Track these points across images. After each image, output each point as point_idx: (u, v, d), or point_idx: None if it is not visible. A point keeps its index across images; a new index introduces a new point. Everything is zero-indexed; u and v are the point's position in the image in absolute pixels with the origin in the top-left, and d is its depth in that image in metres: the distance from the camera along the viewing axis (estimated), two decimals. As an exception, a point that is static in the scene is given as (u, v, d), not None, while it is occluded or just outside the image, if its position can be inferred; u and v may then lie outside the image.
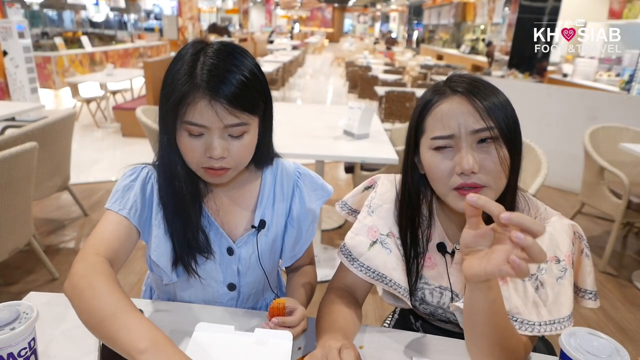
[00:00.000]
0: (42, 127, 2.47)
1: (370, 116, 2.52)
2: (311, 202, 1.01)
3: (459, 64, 11.26)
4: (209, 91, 0.75)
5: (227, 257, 0.95)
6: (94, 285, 0.71)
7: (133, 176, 0.90)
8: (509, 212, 0.57)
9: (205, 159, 0.81)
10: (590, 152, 2.79)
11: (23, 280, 2.40)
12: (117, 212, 0.84)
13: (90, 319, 0.68)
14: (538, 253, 0.55)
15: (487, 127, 0.75)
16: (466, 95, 0.77)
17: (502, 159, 0.76)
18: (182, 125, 0.79)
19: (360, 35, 30.17)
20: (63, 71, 8.30)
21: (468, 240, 0.65)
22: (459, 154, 0.77)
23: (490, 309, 0.69)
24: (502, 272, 0.58)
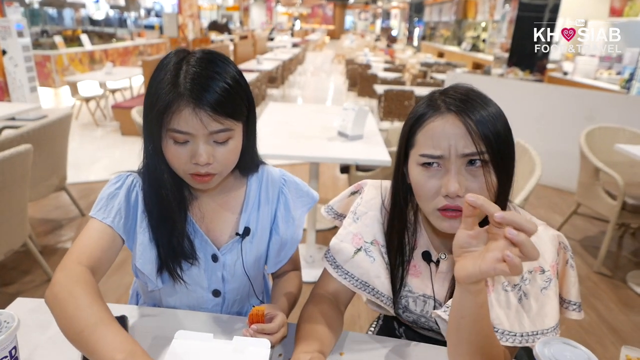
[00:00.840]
0: (38, 129, 2.48)
1: (364, 117, 2.53)
2: (296, 208, 1.01)
3: (460, 61, 11.23)
4: (192, 99, 0.77)
5: (211, 264, 0.96)
6: (75, 295, 0.73)
7: (118, 184, 0.91)
8: (502, 211, 0.59)
9: (191, 166, 0.82)
10: (586, 153, 2.79)
11: (19, 280, 2.42)
12: (100, 221, 0.86)
13: (70, 328, 0.70)
14: (531, 250, 0.57)
15: (478, 152, 0.74)
16: (460, 115, 0.75)
17: (489, 184, 0.75)
18: (167, 133, 0.80)
19: (361, 32, 30.09)
20: (63, 70, 8.31)
21: (462, 240, 0.66)
22: (447, 176, 0.75)
23: (477, 313, 0.70)
24: (496, 270, 0.60)
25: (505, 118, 0.79)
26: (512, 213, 0.59)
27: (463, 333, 0.73)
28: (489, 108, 0.76)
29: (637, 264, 2.92)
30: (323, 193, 3.69)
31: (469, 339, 0.73)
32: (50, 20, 11.07)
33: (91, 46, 9.50)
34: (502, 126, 0.76)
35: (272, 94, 8.73)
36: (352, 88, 8.24)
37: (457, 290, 0.71)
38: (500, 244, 0.60)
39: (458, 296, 0.71)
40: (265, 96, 7.04)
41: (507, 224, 0.59)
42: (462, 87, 0.80)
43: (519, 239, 0.57)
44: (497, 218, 0.59)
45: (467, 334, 0.72)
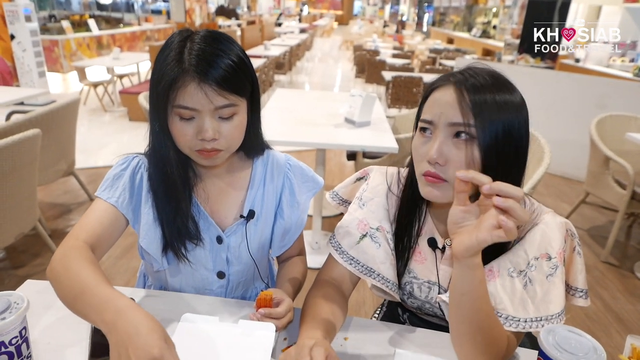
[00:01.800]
0: (46, 113, 2.49)
1: (371, 104, 2.51)
2: (301, 193, 1.02)
3: (470, 47, 11.07)
4: (197, 74, 0.78)
5: (216, 246, 0.97)
6: (68, 266, 0.74)
7: (124, 165, 0.93)
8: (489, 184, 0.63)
9: (197, 142, 0.83)
10: (596, 141, 2.76)
11: (30, 263, 2.46)
12: (104, 200, 0.88)
13: (65, 298, 0.72)
14: (521, 213, 0.61)
15: (464, 123, 0.74)
16: (457, 86, 0.76)
17: (469, 159, 0.75)
18: (173, 109, 0.81)
19: (369, 18, 29.71)
20: (70, 55, 8.31)
21: (456, 216, 0.69)
22: (432, 141, 0.78)
23: (477, 289, 0.72)
24: (493, 237, 0.63)
25: (522, 112, 0.77)
26: (498, 183, 0.62)
27: (463, 311, 0.74)
28: (501, 95, 0.75)
29: (645, 254, 2.90)
30: (329, 180, 3.69)
31: (470, 317, 0.74)
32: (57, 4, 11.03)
33: (99, 31, 9.48)
34: (509, 118, 0.75)
35: (279, 80, 8.68)
36: (360, 74, 8.18)
37: (456, 268, 0.72)
38: (492, 213, 0.64)
39: (457, 273, 0.72)
40: (272, 82, 7.00)
41: (494, 193, 0.63)
42: (483, 68, 0.80)
43: (507, 205, 0.61)
44: (485, 190, 0.63)
45: (468, 312, 0.73)
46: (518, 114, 0.76)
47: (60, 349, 0.80)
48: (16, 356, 0.70)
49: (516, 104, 0.77)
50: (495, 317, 0.76)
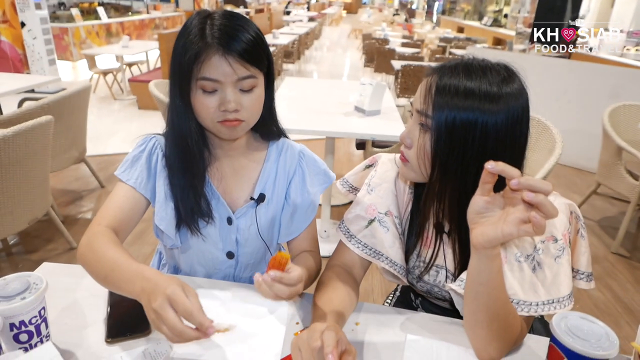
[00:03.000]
0: (58, 100, 2.51)
1: (381, 92, 2.49)
2: (312, 185, 1.02)
3: (480, 36, 10.92)
4: (221, 47, 0.81)
5: (226, 226, 0.99)
6: (95, 250, 0.80)
7: (142, 147, 0.96)
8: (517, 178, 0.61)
9: (220, 113, 0.86)
10: (609, 131, 2.72)
11: (43, 248, 2.50)
12: (124, 182, 0.92)
13: (98, 277, 0.79)
14: (550, 209, 0.60)
15: (422, 112, 0.79)
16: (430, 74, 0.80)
17: (421, 145, 0.81)
18: (197, 83, 0.84)
19: (379, 6, 29.39)
20: (80, 42, 8.32)
21: (479, 206, 0.68)
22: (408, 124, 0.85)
23: (495, 279, 0.72)
24: (520, 232, 0.63)
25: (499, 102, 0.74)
26: (526, 178, 0.61)
27: (480, 300, 0.74)
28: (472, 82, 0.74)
29: (656, 246, 2.87)
30: (338, 169, 3.68)
31: (487, 305, 0.74)
32: (67, -8, 11.04)
33: (108, 19, 9.48)
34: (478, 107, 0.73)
35: (287, 69, 8.65)
36: (369, 64, 8.11)
37: (474, 258, 0.72)
38: (520, 207, 0.63)
39: (475, 264, 0.72)
40: (281, 71, 6.98)
41: (523, 188, 0.61)
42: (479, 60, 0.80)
43: (537, 200, 0.60)
44: (513, 185, 0.61)
45: (485, 301, 0.74)
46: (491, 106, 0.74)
47: (78, 330, 0.81)
48: (35, 335, 0.72)
49: (491, 95, 0.74)
50: (510, 304, 0.77)
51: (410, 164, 0.84)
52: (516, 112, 0.75)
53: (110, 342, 0.79)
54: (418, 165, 0.82)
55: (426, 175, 0.83)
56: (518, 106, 0.75)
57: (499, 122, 0.74)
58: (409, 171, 0.85)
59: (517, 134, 0.76)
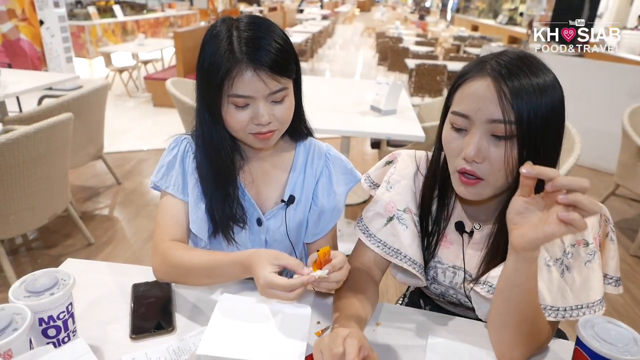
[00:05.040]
0: (77, 98, 2.55)
1: (398, 92, 2.48)
2: (339, 184, 1.03)
3: (495, 35, 10.80)
4: (251, 62, 0.81)
5: (256, 228, 1.00)
6: (179, 263, 0.87)
7: (175, 150, 0.97)
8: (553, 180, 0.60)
9: (253, 126, 0.87)
10: (629, 132, 2.68)
11: (61, 244, 2.54)
12: (166, 192, 0.95)
13: (199, 281, 0.90)
14: (590, 205, 0.58)
15: (505, 120, 0.71)
16: (496, 80, 0.72)
17: (507, 158, 0.73)
18: (229, 99, 0.84)
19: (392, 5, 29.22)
20: (96, 40, 8.43)
21: (519, 206, 0.67)
22: (469, 138, 0.75)
23: (529, 283, 0.71)
24: (561, 231, 0.61)
25: (558, 94, 0.75)
26: (561, 178, 0.59)
27: (512, 302, 0.73)
28: (537, 79, 0.73)
29: (676, 249, 2.82)
30: (352, 168, 3.67)
31: (518, 308, 0.73)
32: (83, -10, 11.18)
33: (123, 17, 9.58)
34: (548, 101, 0.72)
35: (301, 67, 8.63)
36: (382, 62, 8.07)
37: (511, 260, 0.71)
38: (559, 207, 0.61)
39: (512, 265, 0.71)
40: (294, 69, 6.97)
41: (559, 188, 0.60)
42: (515, 52, 0.77)
43: (573, 200, 0.58)
44: (549, 188, 0.60)
45: (517, 304, 0.73)
46: (555, 94, 0.74)
47: (103, 325, 0.83)
48: (63, 330, 0.73)
49: (552, 85, 0.74)
50: (540, 309, 0.76)
51: (487, 180, 0.76)
52: (562, 92, 0.76)
53: (135, 338, 0.80)
54: (502, 177, 0.76)
55: (502, 184, 0.77)
56: (561, 87, 0.77)
57: (560, 105, 0.75)
58: (485, 188, 0.77)
59: (564, 114, 0.77)
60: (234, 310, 0.80)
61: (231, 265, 0.82)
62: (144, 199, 3.17)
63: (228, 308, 0.80)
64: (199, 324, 0.84)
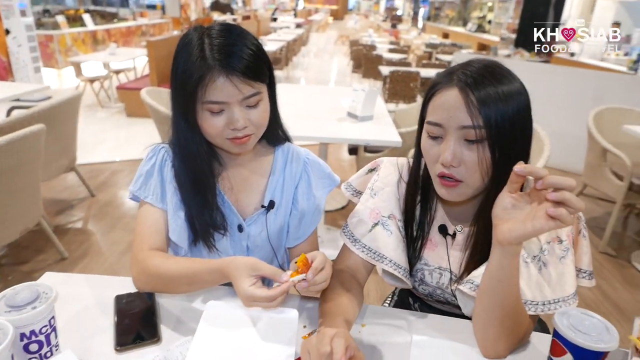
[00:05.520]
0: (48, 109, 2.49)
1: (374, 98, 2.53)
2: (318, 188, 1.04)
3: (465, 42, 11.09)
4: (223, 68, 0.82)
5: (237, 234, 1.00)
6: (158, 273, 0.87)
7: (153, 159, 0.97)
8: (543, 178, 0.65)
9: (229, 132, 0.87)
10: (594, 134, 2.79)
11: (34, 259, 2.46)
12: (145, 201, 0.94)
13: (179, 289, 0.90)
14: (576, 202, 0.63)
15: (474, 125, 0.76)
16: (464, 90, 0.77)
17: (481, 160, 0.77)
18: (203, 106, 0.85)
19: (365, 13, 29.64)
20: (66, 50, 8.23)
21: (506, 203, 0.71)
22: (444, 144, 0.80)
23: (513, 276, 0.75)
24: (549, 225, 0.66)
25: (524, 99, 0.79)
26: (550, 176, 0.64)
27: (497, 297, 0.77)
28: (502, 86, 0.77)
29: (641, 245, 2.95)
30: (329, 174, 3.70)
31: (502, 302, 0.77)
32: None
33: (94, 26, 9.40)
34: (514, 106, 0.77)
35: (276, 76, 8.60)
36: (357, 69, 8.17)
37: (496, 255, 0.74)
38: (547, 204, 0.66)
39: (497, 260, 0.75)
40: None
41: (548, 186, 0.65)
42: (482, 61, 0.81)
43: (562, 197, 0.63)
44: (538, 186, 0.66)
45: (501, 298, 0.76)
46: (520, 101, 0.78)
47: (86, 339, 0.81)
48: (45, 345, 0.72)
49: (517, 91, 0.79)
50: (521, 302, 0.80)
51: (466, 182, 0.80)
52: (528, 97, 0.81)
53: (120, 350, 0.79)
54: (479, 179, 0.80)
55: (485, 185, 0.82)
56: (527, 93, 0.81)
57: (526, 110, 0.80)
58: (465, 189, 0.81)
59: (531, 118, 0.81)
60: (220, 317, 0.80)
61: (210, 273, 0.82)
62: (120, 210, 3.10)
63: (214, 316, 0.80)
64: (184, 333, 0.83)
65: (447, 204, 0.94)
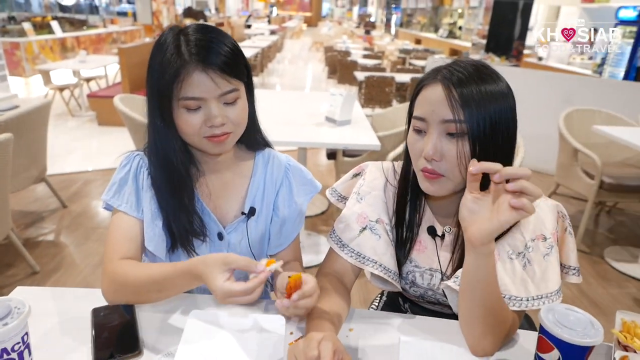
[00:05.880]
0: (16, 118, 2.40)
1: (351, 102, 2.54)
2: (299, 195, 1.02)
3: (438, 48, 11.32)
4: (200, 63, 0.80)
5: (217, 242, 0.97)
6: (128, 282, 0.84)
7: (127, 167, 0.93)
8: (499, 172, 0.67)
9: (206, 129, 0.85)
10: (565, 135, 2.88)
11: (3, 274, 2.36)
12: (118, 210, 0.90)
13: (150, 300, 0.86)
14: (534, 190, 0.65)
15: (455, 119, 0.77)
16: (446, 85, 0.79)
17: (460, 154, 0.79)
18: (179, 102, 0.82)
19: (338, 20, 29.91)
20: (33, 58, 7.97)
21: (470, 204, 0.73)
22: (427, 138, 0.81)
23: (490, 275, 0.75)
24: (514, 216, 0.67)
25: (509, 101, 0.81)
26: (506, 168, 0.66)
27: (477, 296, 0.77)
28: (485, 85, 0.79)
29: (613, 240, 3.05)
30: (308, 180, 3.68)
31: (482, 301, 0.77)
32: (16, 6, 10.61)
33: (62, 33, 9.16)
34: (497, 106, 0.78)
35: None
36: (332, 75, 8.21)
37: (470, 256, 0.75)
38: (508, 196, 0.68)
39: (472, 261, 0.75)
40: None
41: (505, 178, 0.67)
42: (468, 61, 0.83)
43: (520, 186, 0.65)
44: (496, 179, 0.68)
45: (480, 297, 0.77)
46: (504, 102, 0.80)
47: (63, 355, 0.77)
48: (18, 363, 0.68)
49: (502, 92, 0.80)
50: (502, 299, 0.80)
51: (447, 177, 0.81)
52: (513, 99, 0.82)
53: (99, 365, 0.75)
54: (460, 173, 0.80)
55: (460, 179, 0.82)
56: (512, 95, 0.83)
57: (510, 113, 0.81)
58: (446, 184, 0.82)
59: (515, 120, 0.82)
60: (204, 327, 0.78)
61: (181, 277, 0.78)
62: (93, 221, 3.01)
63: (198, 325, 0.78)
64: (167, 345, 0.80)
65: (433, 200, 0.94)
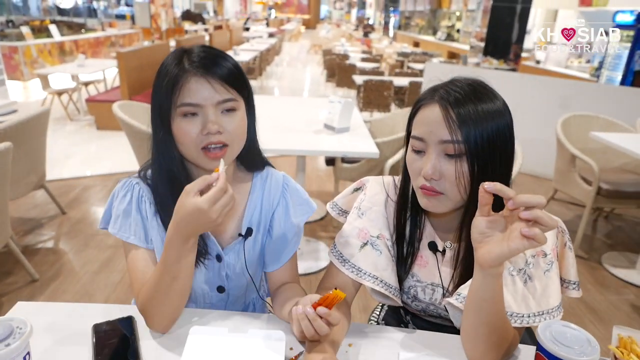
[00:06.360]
0: (15, 125, 2.40)
1: (350, 110, 2.54)
2: (296, 215, 1.02)
3: (436, 50, 11.34)
4: (200, 69, 0.82)
5: (216, 263, 0.97)
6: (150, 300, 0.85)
7: (127, 197, 0.93)
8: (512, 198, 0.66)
9: (202, 137, 0.84)
10: (562, 141, 2.89)
11: (2, 282, 2.36)
12: (130, 243, 0.92)
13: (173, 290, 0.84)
14: (548, 220, 0.65)
15: (453, 140, 0.78)
16: (444, 106, 0.80)
17: (459, 174, 0.79)
18: (177, 110, 0.83)
19: (336, 22, 29.96)
20: (31, 62, 7.99)
21: (482, 226, 0.72)
22: (426, 158, 0.82)
23: (497, 295, 0.76)
24: (525, 245, 0.66)
25: (506, 119, 0.81)
26: (520, 196, 0.65)
27: (482, 315, 0.77)
28: (482, 104, 0.79)
29: (611, 246, 3.05)
30: (308, 185, 3.68)
31: (488, 320, 0.78)
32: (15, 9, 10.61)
33: (61, 37, 9.17)
34: (494, 124, 0.79)
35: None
36: (330, 79, 8.22)
37: (478, 276, 0.75)
38: (521, 224, 0.67)
39: (479, 281, 0.75)
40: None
41: (519, 206, 0.66)
42: (466, 80, 0.84)
43: (534, 216, 0.64)
44: (510, 206, 0.67)
45: (486, 316, 0.77)
46: (501, 120, 0.80)
47: (64, 372, 0.78)
48: (21, 382, 0.68)
49: (498, 111, 0.81)
50: (507, 319, 0.81)
51: (446, 195, 0.82)
52: (510, 116, 0.83)
53: (100, 382, 0.76)
54: (458, 192, 0.81)
55: (464, 199, 0.83)
56: (509, 113, 0.83)
57: (507, 130, 0.81)
58: (445, 201, 0.83)
59: (513, 137, 0.83)
60: (205, 342, 0.78)
61: (171, 248, 0.78)
62: (93, 228, 3.01)
63: (199, 341, 0.79)
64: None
65: (433, 215, 0.95)
